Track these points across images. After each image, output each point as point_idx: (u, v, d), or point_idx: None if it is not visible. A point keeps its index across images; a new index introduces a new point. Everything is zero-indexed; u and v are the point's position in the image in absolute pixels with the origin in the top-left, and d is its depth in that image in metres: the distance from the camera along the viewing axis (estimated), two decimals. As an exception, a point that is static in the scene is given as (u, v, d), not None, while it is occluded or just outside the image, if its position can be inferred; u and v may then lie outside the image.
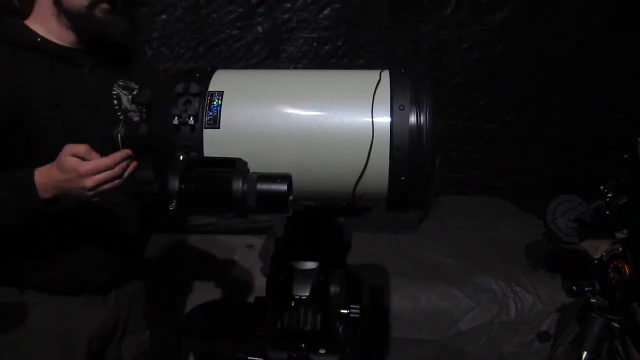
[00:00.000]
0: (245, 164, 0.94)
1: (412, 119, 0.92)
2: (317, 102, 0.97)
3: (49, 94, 1.19)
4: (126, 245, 1.36)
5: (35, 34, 1.22)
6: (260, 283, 2.33)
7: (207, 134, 0.96)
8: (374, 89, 0.95)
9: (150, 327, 1.53)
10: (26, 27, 1.23)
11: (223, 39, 3.05)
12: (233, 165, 0.92)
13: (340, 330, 1.18)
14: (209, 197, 0.91)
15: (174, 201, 0.88)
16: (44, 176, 1.10)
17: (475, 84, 3.19)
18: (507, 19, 3.11)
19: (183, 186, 0.89)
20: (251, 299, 1.24)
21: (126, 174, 1.06)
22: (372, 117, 0.93)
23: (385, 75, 0.98)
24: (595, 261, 1.76)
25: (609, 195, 1.68)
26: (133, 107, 1.35)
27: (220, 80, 1.00)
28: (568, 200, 1.97)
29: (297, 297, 1.09)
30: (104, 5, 1.20)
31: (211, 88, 0.98)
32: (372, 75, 0.99)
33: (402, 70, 0.99)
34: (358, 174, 0.94)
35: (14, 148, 1.18)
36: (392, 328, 2.18)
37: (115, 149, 1.04)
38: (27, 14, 1.24)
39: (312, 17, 2.98)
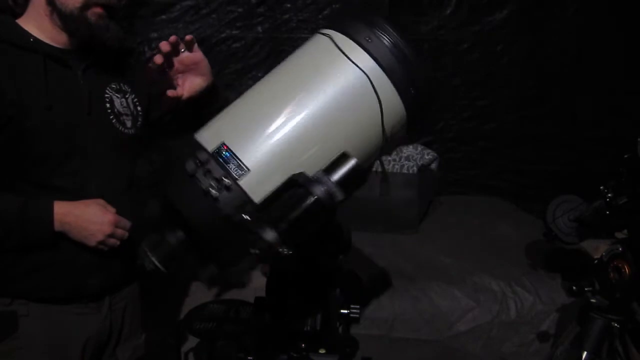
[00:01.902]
0: (300, 173, 0.92)
1: (385, 41, 0.96)
2: (302, 91, 0.97)
3: (41, 95, 1.18)
4: (119, 250, 1.32)
5: (28, 34, 1.21)
6: (260, 283, 2.33)
7: (244, 182, 0.93)
8: (335, 45, 0.97)
9: (145, 331, 1.51)
10: (19, 26, 1.21)
11: (223, 39, 3.05)
12: (297, 183, 0.91)
13: (340, 330, 1.18)
14: (305, 219, 0.89)
15: (281, 247, 0.88)
16: (66, 211, 1.20)
17: (475, 84, 3.19)
18: (507, 19, 3.11)
19: (278, 230, 0.88)
20: (251, 299, 1.23)
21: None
22: (357, 66, 0.95)
23: (331, 32, 1.00)
24: (595, 261, 1.76)
25: (609, 195, 1.68)
26: (125, 110, 1.33)
27: (209, 137, 0.97)
28: (568, 200, 1.97)
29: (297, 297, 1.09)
30: (98, 10, 1.19)
31: (210, 148, 0.95)
32: (320, 38, 1.01)
33: (343, 14, 1.04)
34: (379, 116, 0.96)
35: (3, 148, 1.17)
36: (392, 328, 2.18)
37: (157, 271, 0.99)
38: (21, 12, 1.23)
39: (312, 17, 2.98)
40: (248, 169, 0.92)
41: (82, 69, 1.25)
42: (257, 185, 0.93)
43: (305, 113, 0.95)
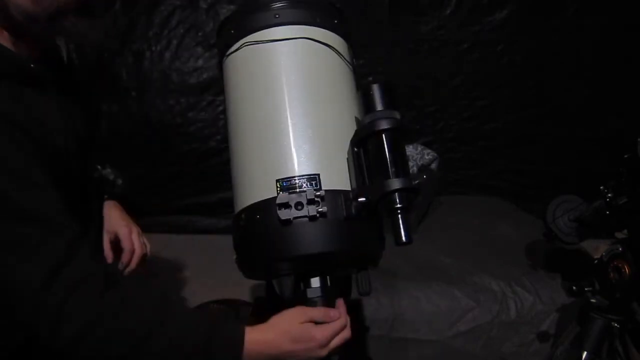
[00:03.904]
0: (354, 132, 0.95)
1: (286, 6, 1.01)
2: (279, 99, 0.99)
3: (59, 132, 0.96)
4: None
5: (23, 57, 0.93)
6: (260, 283, 2.33)
7: (327, 183, 0.94)
8: (264, 42, 1.00)
9: None
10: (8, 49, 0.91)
11: (223, 39, 3.05)
12: (359, 142, 0.93)
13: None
14: (397, 153, 0.91)
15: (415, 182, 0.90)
16: (261, 344, 0.93)
17: (475, 84, 3.19)
18: (507, 19, 3.11)
19: (401, 176, 0.90)
20: (251, 299, 1.24)
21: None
22: (289, 38, 0.99)
23: (240, 41, 1.04)
24: (595, 261, 1.76)
25: (609, 195, 1.67)
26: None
27: (258, 191, 0.97)
28: (568, 200, 1.97)
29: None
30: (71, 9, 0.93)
31: (270, 193, 0.95)
32: (243, 54, 1.03)
33: (240, 21, 1.06)
34: (337, 54, 1.02)
35: None
36: (392, 328, 2.18)
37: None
38: None
39: (312, 17, 2.98)
40: (317, 174, 0.92)
41: (55, 88, 1.00)
42: (336, 175, 0.94)
43: (303, 109, 0.97)
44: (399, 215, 0.89)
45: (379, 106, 0.91)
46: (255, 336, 0.93)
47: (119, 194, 1.37)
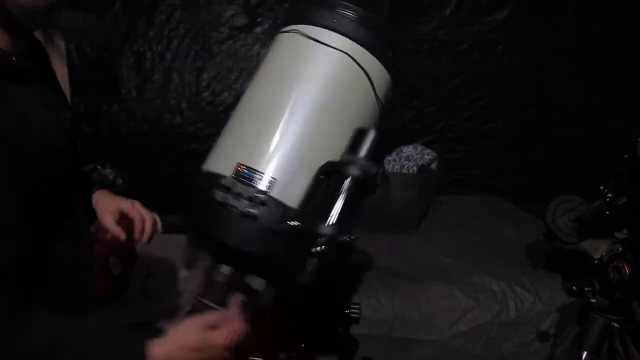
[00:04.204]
0: (327, 163, 0.95)
1: (349, 16, 0.98)
2: (294, 91, 0.99)
3: (37, 126, 0.93)
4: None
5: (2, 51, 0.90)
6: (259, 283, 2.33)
7: (276, 192, 0.94)
8: (310, 40, 0.98)
9: (146, 331, 1.50)
10: None
11: (223, 39, 3.05)
12: (327, 173, 0.93)
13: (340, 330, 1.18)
14: (350, 202, 0.91)
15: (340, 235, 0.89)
16: (165, 354, 0.90)
17: (475, 84, 3.19)
18: (507, 19, 3.11)
19: (330, 221, 0.90)
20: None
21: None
22: (335, 48, 0.97)
23: (294, 27, 1.02)
24: (595, 261, 1.76)
25: (609, 195, 1.68)
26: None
27: (221, 164, 0.99)
28: (568, 200, 1.97)
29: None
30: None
31: (228, 172, 0.96)
32: (290, 38, 1.02)
33: (298, 10, 1.04)
34: (371, 88, 0.99)
35: None
36: (392, 328, 2.18)
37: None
38: None
39: (312, 17, 2.98)
40: (274, 179, 0.92)
41: (39, 81, 0.99)
42: (290, 190, 0.93)
43: (304, 110, 0.97)
44: (314, 258, 0.89)
45: (362, 152, 0.92)
46: (158, 352, 0.90)
47: (119, 194, 1.37)
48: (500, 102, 3.22)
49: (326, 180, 0.93)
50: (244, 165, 0.93)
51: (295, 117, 0.96)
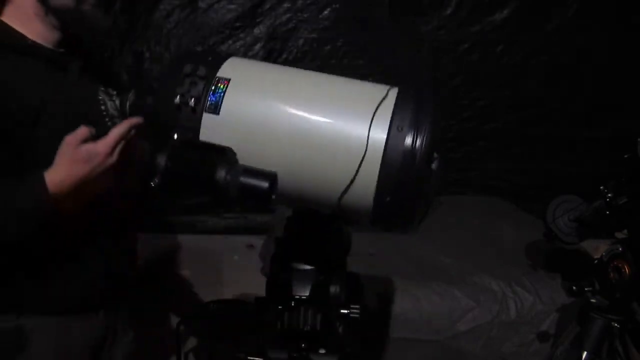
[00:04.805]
0: (234, 154, 0.95)
1: (408, 141, 0.91)
2: (319, 106, 0.97)
3: (40, 101, 1.12)
4: (122, 262, 1.34)
5: (24, 37, 1.12)
6: (260, 283, 2.33)
7: (206, 118, 0.96)
8: (377, 104, 0.94)
9: (133, 329, 1.52)
10: (12, 28, 1.12)
11: (223, 39, 3.05)
12: (223, 154, 0.93)
13: (340, 330, 1.18)
14: (191, 180, 0.92)
15: (157, 178, 0.90)
16: (59, 180, 1.02)
17: (475, 84, 3.19)
18: (507, 19, 3.11)
19: (169, 164, 0.90)
20: (251, 299, 1.24)
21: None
22: (369, 133, 0.92)
23: (393, 93, 0.97)
24: (595, 261, 1.76)
25: (609, 195, 1.68)
26: (116, 112, 1.27)
27: (231, 68, 1.00)
28: (568, 200, 1.98)
29: (297, 297, 1.09)
30: (91, 0, 1.14)
31: (220, 74, 0.98)
32: (380, 90, 0.98)
33: (411, 91, 0.97)
34: (345, 185, 0.93)
35: (9, 158, 1.10)
36: (392, 328, 2.18)
37: (124, 116, 1.04)
38: None
39: (312, 17, 2.98)
40: (218, 114, 0.95)
41: (77, 71, 1.21)
42: (210, 130, 0.96)
43: (301, 121, 0.95)
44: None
45: (243, 179, 0.90)
46: (52, 177, 1.02)
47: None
48: (500, 102, 3.22)
49: (215, 153, 0.95)
50: (227, 85, 0.98)
51: (289, 115, 0.97)
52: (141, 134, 1.05)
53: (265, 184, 0.90)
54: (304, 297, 1.09)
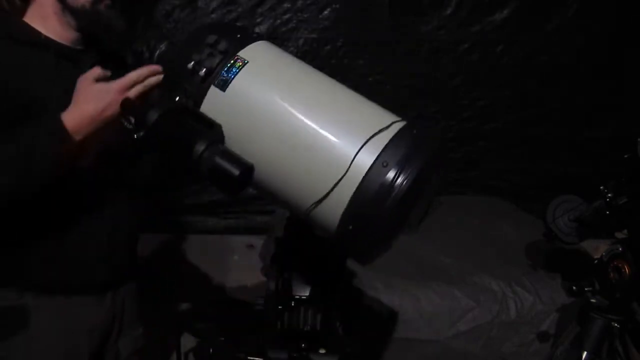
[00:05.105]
0: (222, 133, 0.95)
1: (388, 178, 0.88)
2: (321, 115, 0.95)
3: (55, 92, 1.17)
4: (124, 243, 1.37)
5: (38, 32, 1.20)
6: (260, 283, 2.33)
7: (212, 91, 0.96)
8: (375, 132, 0.91)
9: (143, 324, 1.53)
10: (27, 24, 1.21)
11: (223, 39, 3.05)
12: (211, 129, 0.94)
13: (340, 330, 1.18)
14: (171, 144, 0.92)
15: (142, 132, 0.91)
16: (76, 117, 1.06)
17: (475, 85, 3.19)
18: (507, 19, 3.11)
19: (158, 122, 0.91)
20: (251, 299, 1.24)
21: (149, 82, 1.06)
22: (355, 156, 0.90)
23: (397, 126, 0.94)
24: (595, 261, 1.76)
25: (609, 195, 1.68)
26: None
27: (256, 51, 1.00)
28: (568, 200, 1.98)
29: (297, 297, 1.09)
30: (107, 1, 1.21)
31: (242, 53, 0.98)
32: (386, 119, 0.95)
33: (414, 131, 0.94)
34: (317, 199, 0.92)
35: None
36: (392, 328, 2.18)
37: (150, 60, 1.06)
38: (18, 15, 1.22)
39: (312, 17, 2.98)
40: (224, 91, 0.95)
41: (89, 67, 1.23)
42: (211, 104, 0.96)
43: (297, 123, 0.95)
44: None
45: (219, 160, 0.90)
46: (68, 115, 1.06)
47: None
48: (500, 102, 3.22)
49: (205, 128, 0.96)
50: (242, 65, 0.98)
51: (289, 115, 0.97)
52: (160, 85, 1.06)
53: (236, 172, 0.89)
54: (304, 297, 1.09)
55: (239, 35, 1.01)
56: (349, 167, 0.90)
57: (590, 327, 1.69)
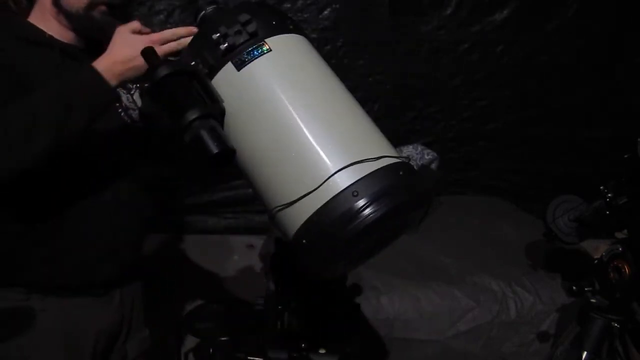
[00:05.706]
0: (221, 111, 0.95)
1: (355, 206, 0.87)
2: (318, 126, 0.94)
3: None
4: (129, 241, 1.37)
5: (42, 31, 1.23)
6: (260, 283, 2.33)
7: (228, 67, 0.96)
8: (360, 160, 0.90)
9: (149, 326, 1.53)
10: (32, 24, 1.24)
11: (223, 39, 3.05)
12: (213, 102, 0.94)
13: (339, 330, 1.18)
14: (169, 102, 0.92)
15: (148, 84, 0.92)
16: (107, 62, 1.09)
17: (475, 85, 3.19)
18: (507, 19, 3.11)
19: (165, 79, 0.91)
20: (251, 299, 1.24)
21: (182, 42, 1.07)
22: (332, 175, 0.89)
23: (385, 161, 0.92)
24: (595, 261, 1.76)
25: (609, 195, 1.68)
26: (132, 104, 1.36)
27: (286, 43, 0.99)
28: (568, 200, 1.97)
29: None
30: (102, 8, 1.22)
31: (270, 40, 0.97)
32: (381, 151, 0.94)
33: (399, 172, 0.93)
34: (284, 202, 0.92)
35: None
36: (392, 328, 2.18)
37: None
38: (23, 15, 1.25)
39: (312, 17, 2.98)
40: (239, 71, 0.95)
41: None
42: (223, 79, 0.97)
43: (292, 125, 0.94)
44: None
45: (209, 142, 0.89)
46: (100, 61, 1.10)
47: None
48: (500, 102, 3.22)
49: (206, 97, 0.96)
50: (269, 49, 0.97)
51: (292, 114, 0.95)
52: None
53: (214, 150, 0.88)
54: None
55: (274, 22, 1.00)
56: (322, 183, 0.89)
57: (590, 327, 1.69)
